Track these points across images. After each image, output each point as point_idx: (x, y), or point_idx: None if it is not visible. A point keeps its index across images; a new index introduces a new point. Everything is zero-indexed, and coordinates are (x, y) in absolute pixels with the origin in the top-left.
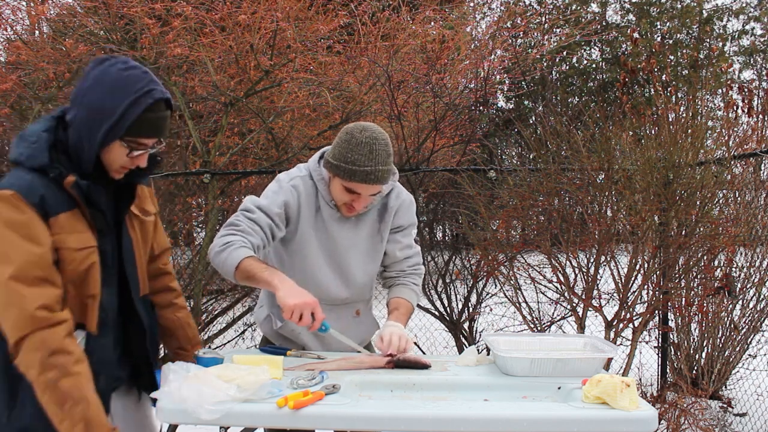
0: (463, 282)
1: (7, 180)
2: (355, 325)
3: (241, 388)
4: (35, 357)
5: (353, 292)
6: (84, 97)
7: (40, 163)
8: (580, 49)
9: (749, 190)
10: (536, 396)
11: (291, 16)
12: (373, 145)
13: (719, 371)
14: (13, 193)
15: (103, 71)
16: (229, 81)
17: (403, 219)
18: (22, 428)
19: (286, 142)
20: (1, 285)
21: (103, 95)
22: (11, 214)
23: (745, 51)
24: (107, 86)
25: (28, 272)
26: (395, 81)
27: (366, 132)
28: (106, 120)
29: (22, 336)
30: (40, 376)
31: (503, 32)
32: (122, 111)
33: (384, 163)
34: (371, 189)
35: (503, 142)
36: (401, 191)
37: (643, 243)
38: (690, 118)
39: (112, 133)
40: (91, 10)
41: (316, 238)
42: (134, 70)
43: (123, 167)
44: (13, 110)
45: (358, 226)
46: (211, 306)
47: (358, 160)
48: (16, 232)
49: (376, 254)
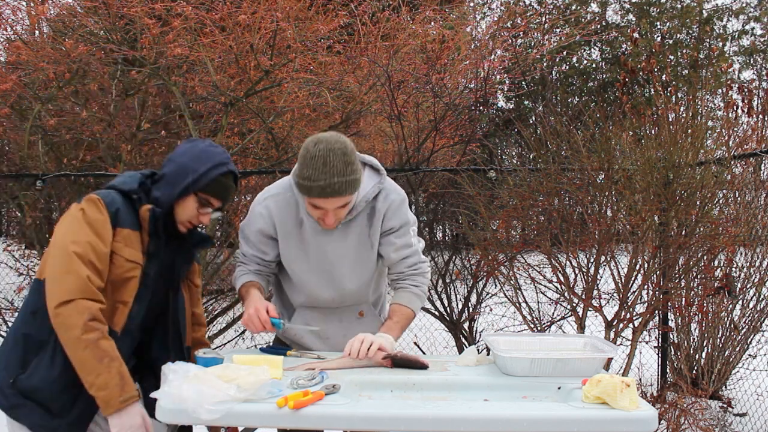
0: (463, 282)
1: (99, 191)
2: (358, 326)
3: (241, 388)
4: (80, 319)
5: (347, 298)
6: (174, 160)
7: (129, 188)
8: (580, 49)
9: (749, 190)
10: (536, 396)
11: (291, 16)
12: (327, 158)
13: (719, 371)
14: (98, 199)
15: (193, 144)
16: (229, 81)
17: (393, 220)
18: (26, 389)
19: (286, 142)
20: (66, 254)
21: (190, 159)
22: (93, 212)
23: (745, 51)
24: (195, 153)
25: (88, 256)
26: (395, 81)
27: (320, 144)
28: (189, 176)
29: (71, 299)
30: (83, 335)
31: (503, 32)
32: (204, 170)
33: (341, 173)
34: (333, 202)
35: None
36: (390, 192)
37: (643, 243)
38: (690, 118)
39: (190, 187)
40: (91, 10)
41: (302, 251)
42: (218, 148)
43: (189, 221)
44: (13, 110)
45: (347, 234)
46: (211, 306)
47: (313, 175)
48: (91, 226)
49: (367, 261)
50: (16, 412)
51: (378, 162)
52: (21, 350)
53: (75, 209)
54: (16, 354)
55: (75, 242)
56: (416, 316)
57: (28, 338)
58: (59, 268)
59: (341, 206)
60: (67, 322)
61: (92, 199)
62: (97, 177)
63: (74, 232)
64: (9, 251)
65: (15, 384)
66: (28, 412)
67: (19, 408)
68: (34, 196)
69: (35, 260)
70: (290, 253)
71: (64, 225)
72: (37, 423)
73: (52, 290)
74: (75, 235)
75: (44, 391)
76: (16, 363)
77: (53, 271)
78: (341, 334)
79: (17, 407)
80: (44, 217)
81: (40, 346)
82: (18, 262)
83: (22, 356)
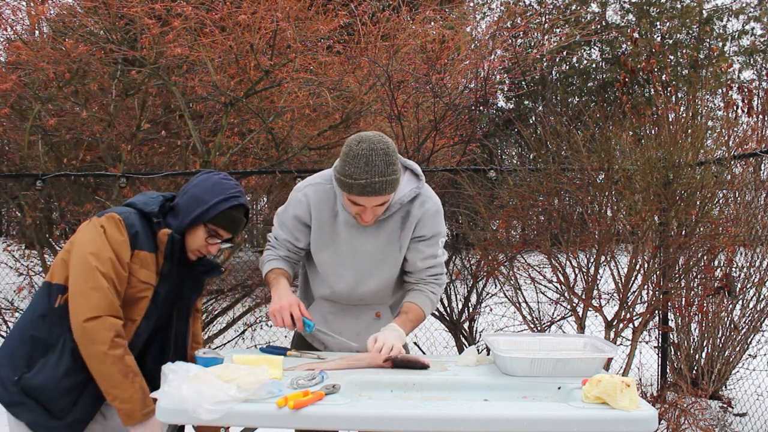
0: (463, 282)
1: (120, 209)
2: (374, 327)
3: (241, 388)
4: (107, 335)
5: (366, 295)
6: (188, 190)
7: (150, 210)
8: (580, 49)
9: (749, 190)
10: (536, 396)
11: (291, 16)
12: (369, 157)
13: (719, 371)
14: (120, 219)
15: (208, 176)
16: (229, 81)
17: (426, 229)
18: (29, 388)
19: (286, 142)
20: (90, 269)
21: (203, 190)
22: (113, 232)
23: (745, 51)
24: (209, 185)
25: (110, 274)
26: (395, 81)
27: (363, 143)
28: (200, 206)
29: (98, 315)
30: (109, 351)
31: (503, 32)
32: (215, 202)
33: (382, 173)
34: (372, 201)
35: (503, 142)
36: (427, 199)
37: (643, 243)
38: (690, 118)
39: (200, 217)
40: (91, 10)
41: (333, 242)
42: (231, 181)
43: (198, 250)
44: (13, 110)
45: (378, 232)
46: (211, 306)
47: (354, 173)
48: (113, 246)
49: (393, 262)
50: (16, 408)
51: (419, 167)
52: (28, 350)
53: (95, 223)
54: (23, 353)
55: (98, 259)
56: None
57: (35, 340)
58: (84, 284)
59: (380, 204)
60: (94, 337)
61: (114, 218)
62: (97, 177)
63: (96, 247)
64: (9, 251)
65: (19, 381)
66: (27, 410)
67: (19, 405)
68: (34, 196)
69: (35, 260)
70: (320, 243)
71: (85, 237)
72: (35, 422)
73: (79, 304)
74: (97, 251)
75: (47, 392)
76: (21, 361)
77: (78, 286)
78: (355, 332)
79: (18, 404)
80: (44, 217)
81: (47, 348)
82: (18, 262)
83: (29, 356)
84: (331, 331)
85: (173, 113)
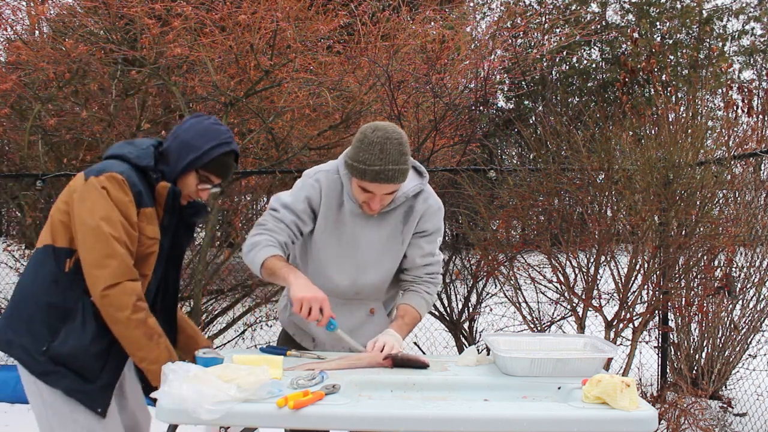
0: (463, 282)
1: (117, 167)
2: (368, 324)
3: (241, 388)
4: (129, 300)
5: (361, 289)
6: (179, 135)
7: (146, 164)
8: (580, 49)
9: (749, 190)
10: (536, 396)
11: (291, 16)
12: (384, 145)
13: (719, 371)
14: (123, 179)
15: (198, 121)
16: (229, 81)
17: (428, 224)
18: (58, 356)
19: (286, 142)
20: (102, 236)
21: (195, 135)
22: (117, 193)
23: (745, 51)
24: (200, 130)
25: (123, 237)
26: (395, 81)
27: (378, 132)
28: (191, 153)
29: (117, 282)
30: (132, 315)
31: (503, 32)
32: (207, 148)
33: (396, 162)
34: (384, 188)
35: (503, 142)
36: (430, 195)
37: (643, 243)
38: (690, 118)
39: (192, 164)
40: (91, 10)
41: (336, 231)
42: (221, 126)
43: (189, 196)
44: (13, 110)
45: (381, 224)
46: (211, 306)
47: (369, 160)
48: (119, 208)
49: (394, 255)
50: (48, 377)
51: (423, 167)
52: (47, 318)
53: (94, 185)
54: (41, 321)
55: (109, 223)
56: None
57: (52, 306)
58: (99, 252)
59: (389, 193)
60: (116, 303)
61: (116, 178)
62: None
63: (105, 211)
64: (9, 251)
65: (47, 351)
66: (61, 378)
67: (51, 374)
68: (34, 196)
69: None
70: (324, 231)
71: (89, 202)
72: (71, 387)
73: (96, 274)
74: (107, 216)
75: (77, 358)
76: (43, 331)
77: (93, 254)
78: (348, 329)
79: (51, 373)
80: (44, 217)
81: (67, 314)
82: (18, 262)
83: (49, 324)
84: (349, 350)
85: (173, 113)
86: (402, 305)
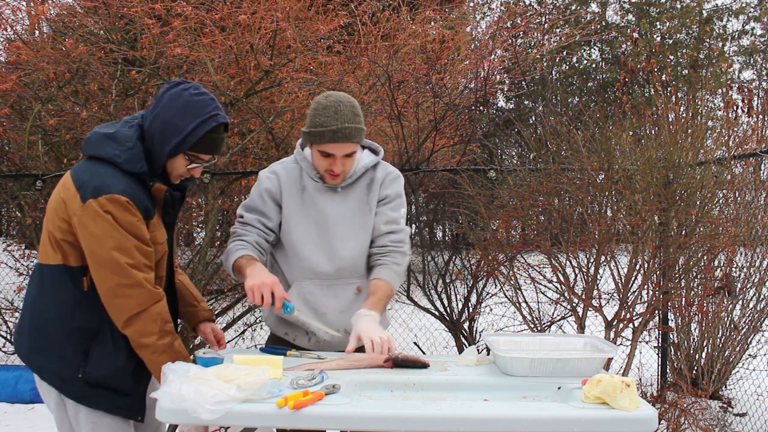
0: (463, 282)
1: (114, 185)
2: (356, 303)
3: (241, 388)
4: (155, 326)
5: (340, 265)
6: (159, 112)
7: (140, 169)
8: (580, 49)
9: (749, 190)
10: (536, 396)
11: (291, 16)
12: (338, 107)
13: (719, 371)
14: (126, 200)
15: (177, 93)
16: (229, 81)
17: (389, 189)
18: (95, 379)
19: (286, 142)
20: (118, 267)
21: (175, 114)
22: (125, 216)
23: (745, 51)
24: (180, 106)
25: (141, 261)
26: (395, 81)
27: (330, 97)
28: (175, 136)
29: (142, 309)
30: (159, 341)
31: (503, 32)
32: (190, 130)
33: (350, 120)
34: (343, 148)
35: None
36: (388, 165)
37: (643, 243)
38: (690, 118)
39: (178, 147)
40: (91, 10)
41: (303, 214)
42: (203, 96)
43: (180, 176)
44: (13, 110)
45: (347, 198)
46: (211, 306)
47: (325, 122)
48: (129, 230)
49: (365, 224)
50: (88, 400)
51: (378, 146)
52: (76, 342)
53: (96, 210)
54: (72, 347)
55: (123, 252)
56: None
57: (81, 330)
58: (117, 283)
59: (349, 155)
60: (142, 331)
61: (120, 201)
62: None
63: (114, 240)
64: (9, 251)
65: (83, 377)
66: (100, 398)
67: (91, 397)
68: (34, 196)
69: (35, 260)
70: (292, 217)
71: (99, 232)
72: (114, 404)
73: (119, 305)
74: (118, 244)
75: (114, 379)
76: (74, 355)
77: (110, 286)
78: (338, 311)
79: (90, 396)
80: (44, 217)
81: (95, 335)
82: (18, 262)
83: (80, 348)
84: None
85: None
86: (373, 281)
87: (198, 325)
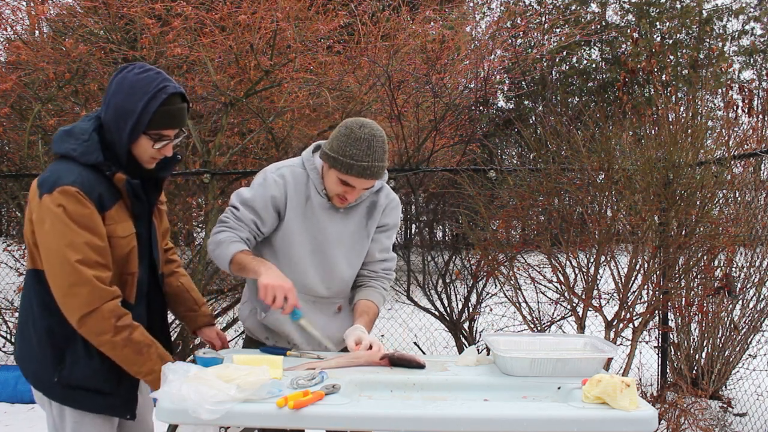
0: (463, 282)
1: (67, 176)
2: (336, 321)
3: (241, 388)
4: (108, 324)
5: (334, 285)
6: (110, 100)
7: (95, 160)
8: (580, 49)
9: (749, 190)
10: (536, 396)
11: (291, 16)
12: (371, 142)
13: (719, 371)
14: (77, 190)
15: (122, 77)
16: (229, 81)
17: (389, 218)
18: (72, 382)
19: (286, 142)
20: (67, 265)
21: (124, 97)
22: (76, 207)
23: (745, 51)
24: (127, 89)
25: (91, 258)
26: (395, 81)
27: (365, 129)
28: (129, 119)
29: (93, 309)
30: (115, 337)
31: (503, 32)
32: (141, 109)
33: (380, 159)
34: (366, 183)
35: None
36: (390, 191)
37: (643, 243)
38: (690, 118)
39: (136, 130)
40: (91, 10)
41: (304, 227)
42: (148, 72)
43: (152, 158)
44: (13, 110)
45: (347, 219)
46: (211, 306)
47: (356, 155)
48: (80, 223)
49: (361, 249)
50: (71, 402)
51: None
52: (50, 345)
53: (49, 205)
54: (46, 349)
55: (72, 248)
56: None
57: (52, 333)
58: (67, 282)
59: (367, 188)
60: (96, 330)
61: (70, 192)
62: None
63: (65, 235)
64: (9, 251)
65: (59, 381)
66: (82, 399)
67: (72, 398)
68: None
69: None
70: (293, 227)
71: (49, 227)
72: (96, 404)
73: (69, 304)
74: (68, 240)
75: (92, 380)
76: (50, 358)
77: (61, 286)
78: (319, 326)
79: (71, 398)
80: None
81: (68, 338)
82: (18, 262)
83: (55, 351)
84: (312, 339)
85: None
86: (363, 301)
87: (199, 330)
